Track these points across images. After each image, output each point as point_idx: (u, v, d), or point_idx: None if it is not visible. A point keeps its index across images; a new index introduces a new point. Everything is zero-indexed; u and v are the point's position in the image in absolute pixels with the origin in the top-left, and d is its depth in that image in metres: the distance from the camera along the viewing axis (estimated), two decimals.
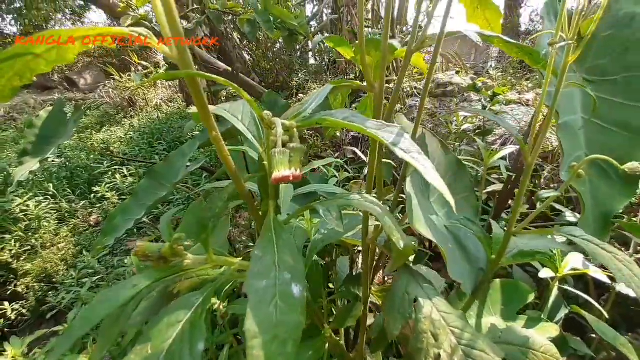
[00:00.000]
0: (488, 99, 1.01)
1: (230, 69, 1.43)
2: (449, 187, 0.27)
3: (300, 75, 4.31)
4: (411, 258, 0.79)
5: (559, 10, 0.37)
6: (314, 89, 3.71)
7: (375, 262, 0.62)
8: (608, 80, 0.59)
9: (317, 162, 0.86)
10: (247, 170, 1.05)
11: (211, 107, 0.36)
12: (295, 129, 0.30)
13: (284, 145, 0.29)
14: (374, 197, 0.37)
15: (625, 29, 0.59)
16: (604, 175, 0.54)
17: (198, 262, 0.36)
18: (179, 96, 5.56)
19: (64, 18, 7.34)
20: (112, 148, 3.23)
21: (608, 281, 0.60)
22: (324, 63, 4.21)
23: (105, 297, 0.29)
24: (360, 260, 0.91)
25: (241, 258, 0.37)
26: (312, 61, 4.68)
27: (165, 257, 0.33)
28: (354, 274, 0.76)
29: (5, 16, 7.21)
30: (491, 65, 4.85)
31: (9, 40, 7.33)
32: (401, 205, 0.77)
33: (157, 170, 0.91)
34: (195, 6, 1.19)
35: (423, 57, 0.59)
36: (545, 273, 0.59)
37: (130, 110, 5.10)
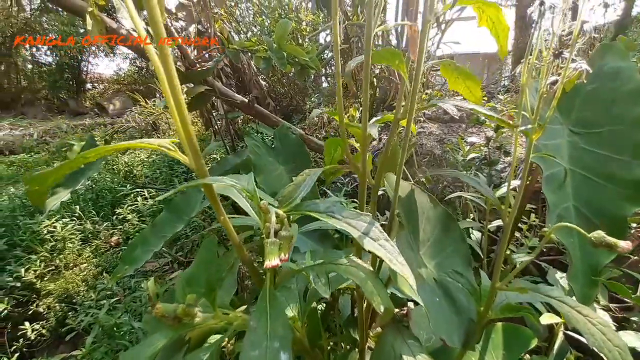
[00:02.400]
0: (492, 130, 1.03)
1: (246, 100, 1.51)
2: (438, 241, 0.29)
3: (313, 98, 4.45)
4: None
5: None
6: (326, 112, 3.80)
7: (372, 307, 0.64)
8: (594, 132, 0.60)
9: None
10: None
11: (219, 185, 0.41)
12: (285, 218, 0.35)
13: (276, 233, 0.33)
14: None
15: (610, 83, 0.61)
16: (591, 226, 0.54)
17: (206, 319, 0.40)
18: (199, 119, 5.83)
19: (97, 49, 7.93)
20: (135, 171, 3.39)
21: None
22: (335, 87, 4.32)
23: (129, 356, 0.34)
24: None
25: (245, 307, 0.41)
26: (324, 84, 4.83)
27: (179, 317, 0.38)
28: (355, 315, 0.76)
29: (40, 47, 7.88)
30: (503, 85, 4.82)
31: (44, 69, 7.97)
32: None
33: (175, 203, 0.97)
34: (216, 46, 1.30)
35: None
36: (547, 319, 0.58)
37: (154, 134, 5.37)
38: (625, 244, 0.35)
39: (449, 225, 0.56)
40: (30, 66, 8.13)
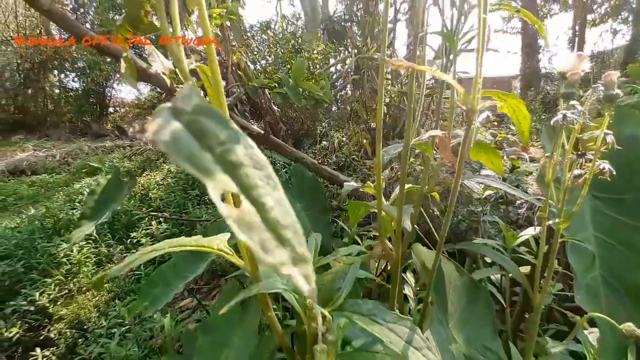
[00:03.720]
0: (507, 169, 1.02)
1: (262, 131, 1.56)
2: (466, 311, 0.29)
3: (324, 123, 4.53)
4: None
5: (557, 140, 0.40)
6: (337, 137, 3.86)
7: None
8: (616, 198, 0.59)
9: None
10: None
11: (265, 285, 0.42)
12: (330, 318, 0.36)
13: (323, 336, 0.34)
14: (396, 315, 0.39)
15: (629, 150, 0.60)
16: (617, 296, 0.52)
17: None
18: None
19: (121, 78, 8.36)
20: (150, 194, 3.47)
21: None
22: (346, 112, 4.41)
23: None
24: None
25: None
26: (334, 108, 4.92)
27: None
28: None
29: (68, 73, 8.38)
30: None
31: (71, 94, 8.43)
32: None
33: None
34: (236, 83, 1.37)
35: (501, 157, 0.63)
36: None
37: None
38: None
39: (474, 294, 0.55)
40: (57, 91, 8.62)
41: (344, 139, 3.74)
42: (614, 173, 0.38)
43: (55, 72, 8.13)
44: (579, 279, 0.55)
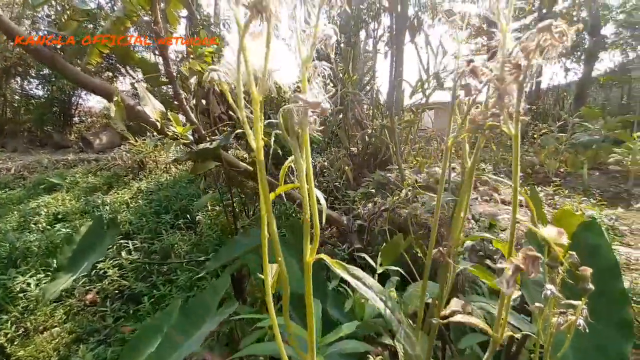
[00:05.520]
0: (485, 227, 1.08)
1: (250, 168, 1.55)
2: None
3: None
4: None
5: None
6: (319, 162, 3.90)
7: None
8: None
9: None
10: None
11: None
12: None
13: None
14: None
15: (590, 258, 0.68)
16: None
17: None
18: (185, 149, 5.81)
19: None
20: (119, 217, 3.27)
21: None
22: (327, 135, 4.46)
23: None
24: None
25: None
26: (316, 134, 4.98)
27: None
28: None
29: (32, 80, 7.92)
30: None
31: (32, 102, 7.90)
32: None
33: (190, 309, 0.93)
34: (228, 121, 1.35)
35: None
36: None
37: (140, 173, 5.27)
38: None
39: None
40: (17, 97, 8.05)
41: (325, 163, 3.78)
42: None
43: (18, 78, 7.62)
44: None
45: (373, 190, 2.24)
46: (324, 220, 0.49)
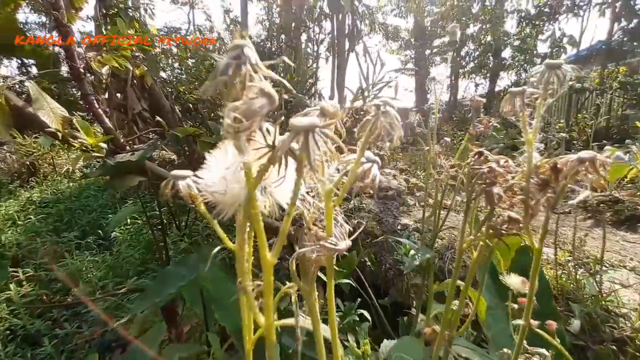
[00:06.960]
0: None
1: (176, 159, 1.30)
2: None
3: None
4: None
5: None
6: None
7: None
8: None
9: None
10: None
11: None
12: None
13: None
14: None
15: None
16: None
17: None
18: (98, 162, 4.94)
19: None
20: (3, 237, 2.56)
21: None
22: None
23: None
24: None
25: None
26: None
27: None
28: None
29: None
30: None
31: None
32: None
33: None
34: (160, 129, 1.10)
35: None
36: None
37: (31, 180, 4.28)
38: None
39: None
40: None
41: None
42: None
43: None
44: None
45: None
46: None
